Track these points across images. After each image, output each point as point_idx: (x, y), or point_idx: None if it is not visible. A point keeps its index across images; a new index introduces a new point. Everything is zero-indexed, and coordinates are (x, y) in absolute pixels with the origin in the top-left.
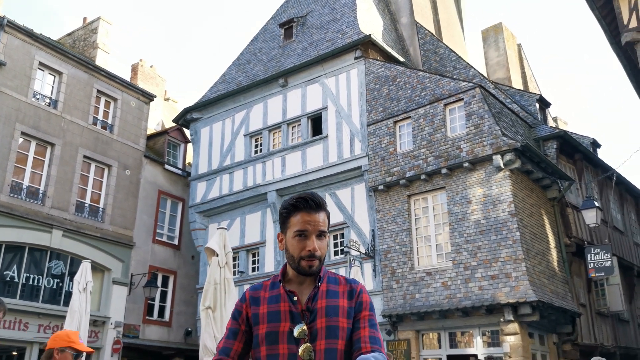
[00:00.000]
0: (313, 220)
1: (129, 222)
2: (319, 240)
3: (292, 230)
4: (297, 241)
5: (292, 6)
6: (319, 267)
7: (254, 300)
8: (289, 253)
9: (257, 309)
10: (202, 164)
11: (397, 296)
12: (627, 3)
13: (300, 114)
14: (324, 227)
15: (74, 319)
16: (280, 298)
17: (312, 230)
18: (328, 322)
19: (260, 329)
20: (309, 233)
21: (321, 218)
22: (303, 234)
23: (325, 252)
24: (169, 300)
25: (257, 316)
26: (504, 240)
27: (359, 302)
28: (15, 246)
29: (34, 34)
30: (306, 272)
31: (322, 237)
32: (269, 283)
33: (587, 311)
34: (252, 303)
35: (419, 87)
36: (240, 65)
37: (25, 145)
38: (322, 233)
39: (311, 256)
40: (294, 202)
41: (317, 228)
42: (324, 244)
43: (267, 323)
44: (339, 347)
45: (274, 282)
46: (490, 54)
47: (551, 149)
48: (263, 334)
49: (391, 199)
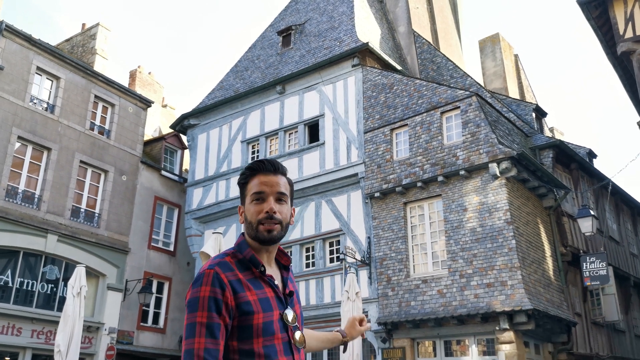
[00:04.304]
0: (270, 182)
1: (125, 227)
2: (278, 204)
3: (249, 195)
4: (254, 205)
5: (291, 14)
6: (280, 234)
7: (236, 284)
8: (247, 221)
9: (246, 296)
10: (198, 170)
11: (392, 304)
12: (622, 13)
13: (297, 121)
14: (284, 190)
15: (68, 324)
16: (261, 282)
17: (269, 192)
18: (300, 307)
19: (256, 319)
20: (266, 195)
21: (281, 181)
22: (260, 196)
23: (287, 219)
24: (164, 306)
25: (249, 304)
26: (499, 248)
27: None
28: (9, 251)
29: (32, 38)
30: (265, 238)
31: (282, 200)
32: (234, 260)
33: (582, 320)
34: (236, 289)
35: (416, 95)
36: (238, 72)
37: (21, 150)
38: (282, 196)
39: (269, 218)
40: (250, 165)
41: (276, 190)
42: (285, 209)
43: (262, 312)
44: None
45: (239, 260)
46: (487, 64)
47: (547, 158)
48: (260, 325)
49: (387, 206)
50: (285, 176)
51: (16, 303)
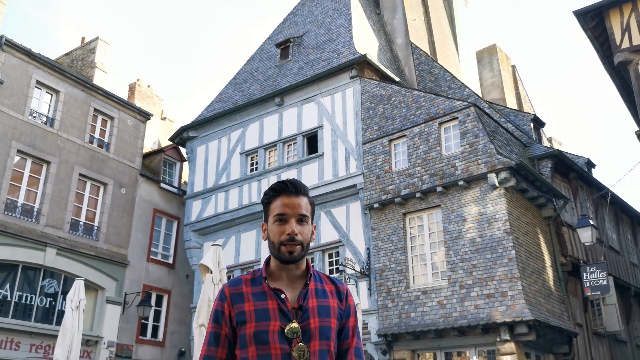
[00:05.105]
0: (292, 204)
1: (124, 240)
2: (299, 225)
3: (272, 216)
4: (276, 226)
5: (289, 27)
6: (301, 254)
7: (236, 297)
8: (270, 241)
9: (242, 307)
10: (197, 183)
11: (392, 315)
12: (619, 24)
13: (296, 133)
14: (305, 212)
15: (66, 337)
16: (267, 295)
17: (291, 214)
18: (321, 322)
19: (248, 327)
20: (288, 217)
21: (302, 202)
22: (282, 218)
23: (308, 239)
24: (163, 319)
25: (243, 314)
26: (499, 258)
27: (348, 306)
28: (8, 264)
29: (32, 53)
30: (287, 259)
31: (303, 222)
32: (249, 277)
33: (583, 331)
34: (234, 301)
35: (414, 106)
36: (236, 84)
37: (21, 163)
38: (303, 217)
39: (291, 240)
40: (274, 187)
41: (297, 212)
42: (306, 229)
43: (255, 322)
44: (331, 348)
45: (254, 277)
46: (485, 74)
47: (546, 168)
48: (251, 334)
49: (386, 217)
50: (307, 197)
51: (15, 317)
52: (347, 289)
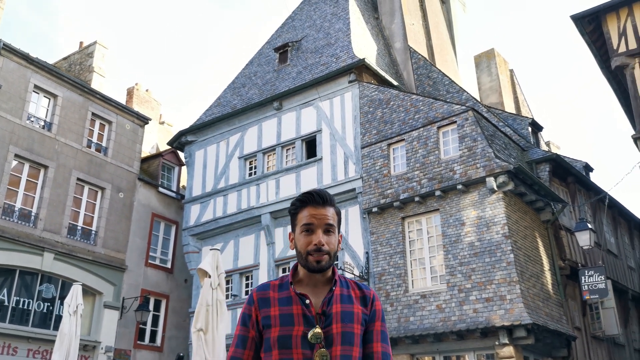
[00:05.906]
0: (319, 214)
1: (122, 245)
2: (326, 235)
3: (299, 226)
4: (304, 236)
5: (287, 31)
6: (329, 264)
7: (263, 301)
8: (297, 250)
9: (268, 311)
10: (196, 187)
11: (391, 319)
12: (616, 28)
13: (294, 137)
14: (332, 222)
15: (64, 342)
16: (292, 300)
17: (318, 224)
18: (344, 327)
19: (272, 332)
20: (315, 227)
21: (329, 213)
22: (309, 228)
23: (335, 248)
24: (161, 324)
25: (269, 318)
26: (498, 262)
27: (373, 310)
28: (5, 269)
29: (30, 57)
30: (314, 268)
31: (330, 232)
32: (277, 283)
33: (582, 335)
34: (261, 305)
35: (413, 110)
36: (235, 88)
37: (18, 168)
38: (330, 227)
39: (318, 250)
40: (301, 197)
41: (324, 222)
42: (333, 239)
43: (279, 326)
44: (354, 354)
45: (282, 282)
46: (483, 79)
47: (544, 172)
48: (275, 338)
49: (385, 221)
50: (333, 207)
51: (12, 322)
52: (373, 294)
